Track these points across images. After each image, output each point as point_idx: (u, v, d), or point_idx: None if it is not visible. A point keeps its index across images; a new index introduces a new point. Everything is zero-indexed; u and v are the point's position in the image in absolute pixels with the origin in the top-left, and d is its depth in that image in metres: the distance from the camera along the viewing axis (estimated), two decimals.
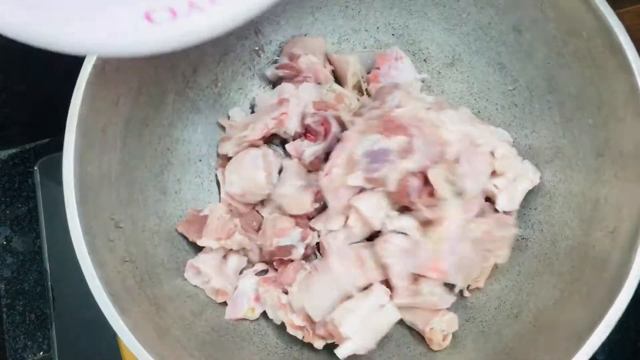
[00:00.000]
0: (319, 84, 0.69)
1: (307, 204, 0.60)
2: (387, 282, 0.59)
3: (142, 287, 0.55)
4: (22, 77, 0.76)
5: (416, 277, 0.58)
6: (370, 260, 0.59)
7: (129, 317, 0.50)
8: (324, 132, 0.60)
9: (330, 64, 0.71)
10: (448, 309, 0.59)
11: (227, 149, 0.66)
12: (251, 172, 0.63)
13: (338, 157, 0.57)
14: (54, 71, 0.74)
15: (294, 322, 0.56)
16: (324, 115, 0.60)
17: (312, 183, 0.61)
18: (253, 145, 0.66)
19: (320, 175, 0.59)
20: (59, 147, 0.52)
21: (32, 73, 0.75)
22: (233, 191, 0.64)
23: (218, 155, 0.69)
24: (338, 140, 0.60)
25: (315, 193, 0.60)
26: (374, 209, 0.56)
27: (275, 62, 0.71)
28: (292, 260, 0.59)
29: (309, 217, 0.62)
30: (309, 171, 0.63)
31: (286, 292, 0.58)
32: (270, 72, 0.69)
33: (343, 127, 0.61)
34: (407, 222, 0.58)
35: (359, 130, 0.57)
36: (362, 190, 0.57)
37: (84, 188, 0.52)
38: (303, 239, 0.58)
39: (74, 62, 0.54)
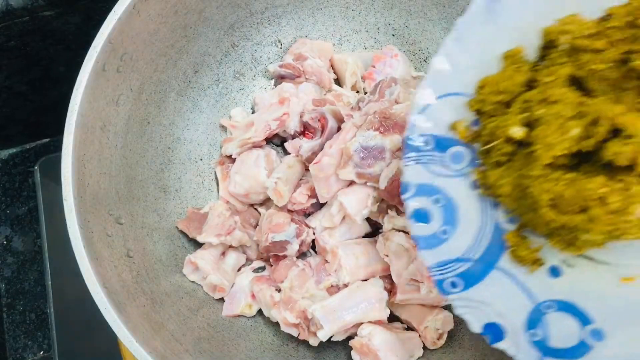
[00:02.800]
0: (322, 87, 0.69)
1: (285, 195, 0.60)
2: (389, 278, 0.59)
3: (139, 282, 0.55)
4: (22, 77, 0.76)
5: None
6: (369, 255, 0.59)
7: (123, 310, 0.50)
8: (321, 128, 0.60)
9: (331, 65, 0.71)
10: (445, 307, 0.59)
11: (230, 149, 0.66)
12: (253, 170, 0.64)
13: (331, 147, 0.57)
14: (54, 71, 0.75)
15: (287, 320, 0.56)
16: (321, 111, 0.61)
17: (308, 179, 0.61)
18: (256, 145, 0.66)
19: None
20: (59, 147, 0.53)
21: (32, 73, 0.76)
22: (237, 191, 0.64)
23: (221, 156, 0.69)
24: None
25: (312, 188, 0.60)
26: (359, 205, 0.56)
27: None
28: (286, 257, 0.59)
29: (306, 214, 0.62)
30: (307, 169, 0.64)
31: (279, 290, 0.58)
32: (273, 68, 0.70)
33: (341, 122, 0.61)
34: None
35: (356, 124, 0.57)
36: (352, 182, 0.57)
37: (82, 183, 0.53)
38: (298, 235, 0.58)
39: (74, 62, 0.55)
